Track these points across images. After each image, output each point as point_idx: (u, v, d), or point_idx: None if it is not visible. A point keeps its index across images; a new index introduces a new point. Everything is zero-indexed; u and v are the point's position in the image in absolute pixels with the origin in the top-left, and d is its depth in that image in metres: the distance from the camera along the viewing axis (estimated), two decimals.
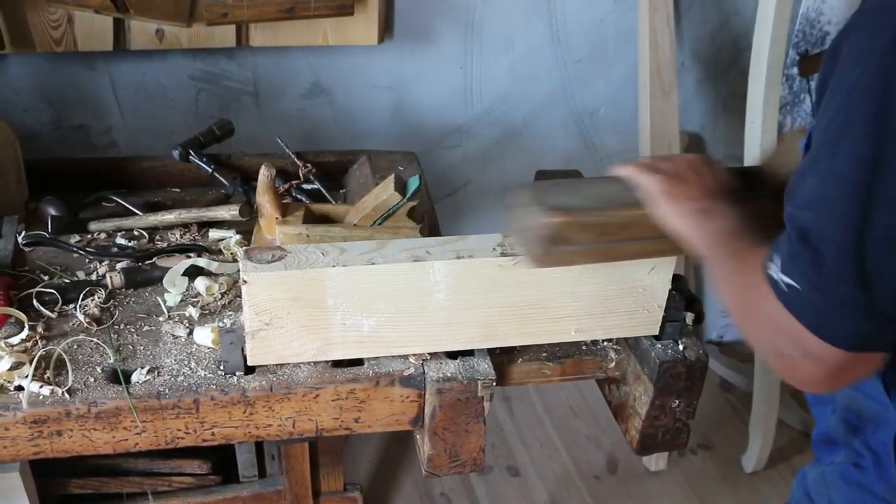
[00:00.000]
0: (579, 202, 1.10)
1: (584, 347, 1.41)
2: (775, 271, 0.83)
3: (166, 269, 1.45)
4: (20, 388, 1.21)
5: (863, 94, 0.77)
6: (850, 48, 0.80)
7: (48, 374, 1.24)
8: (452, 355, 1.31)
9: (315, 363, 1.28)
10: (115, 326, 1.36)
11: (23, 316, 1.32)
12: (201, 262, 1.48)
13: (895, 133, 0.75)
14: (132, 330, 1.35)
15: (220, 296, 1.43)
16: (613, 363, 1.41)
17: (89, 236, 1.59)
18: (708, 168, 1.09)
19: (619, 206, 1.10)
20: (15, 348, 1.28)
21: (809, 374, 0.84)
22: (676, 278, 1.33)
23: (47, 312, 1.36)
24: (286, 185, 1.73)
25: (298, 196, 1.73)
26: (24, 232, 1.56)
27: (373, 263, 1.19)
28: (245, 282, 1.18)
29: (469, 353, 1.32)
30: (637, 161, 1.12)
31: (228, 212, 1.61)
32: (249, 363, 1.25)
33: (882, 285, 0.79)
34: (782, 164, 1.17)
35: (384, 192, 1.46)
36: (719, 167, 1.10)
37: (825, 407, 1.09)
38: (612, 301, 1.30)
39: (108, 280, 1.44)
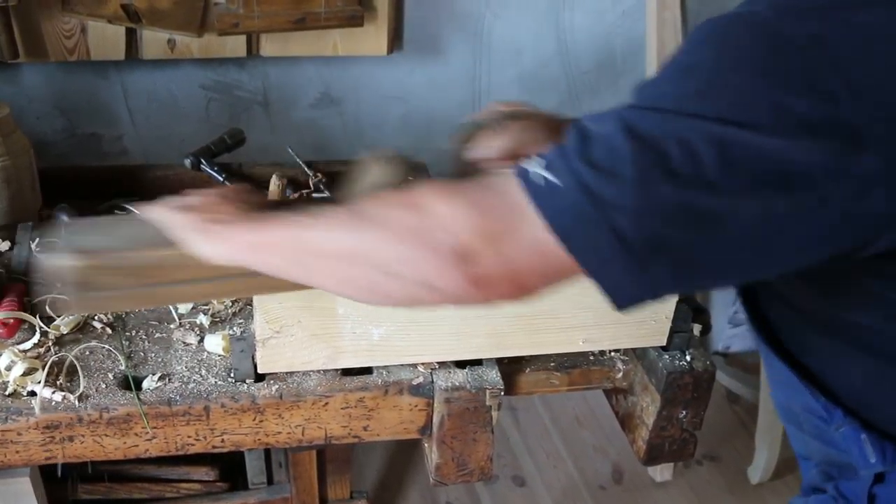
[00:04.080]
0: (111, 243, 0.99)
1: (591, 357, 1.42)
2: (534, 166, 0.74)
3: None
4: (33, 394, 1.22)
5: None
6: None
7: (60, 380, 1.25)
8: (461, 364, 1.32)
9: (325, 371, 1.28)
10: (127, 333, 1.37)
11: (36, 321, 1.33)
12: None
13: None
14: (143, 337, 1.36)
15: (230, 304, 1.44)
16: (621, 373, 1.42)
17: None
18: (247, 194, 0.99)
19: (157, 247, 0.99)
20: (28, 354, 1.29)
21: (490, 278, 0.74)
22: None
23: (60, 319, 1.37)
24: (296, 194, 1.74)
25: None
26: (37, 239, 1.57)
27: None
28: None
29: (477, 363, 1.33)
30: (165, 201, 1.00)
31: None
32: (260, 371, 1.26)
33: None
34: (363, 186, 1.08)
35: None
36: (262, 195, 1.01)
37: (809, 461, 1.10)
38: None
39: None
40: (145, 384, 1.26)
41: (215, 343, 1.33)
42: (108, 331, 1.36)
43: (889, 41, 0.69)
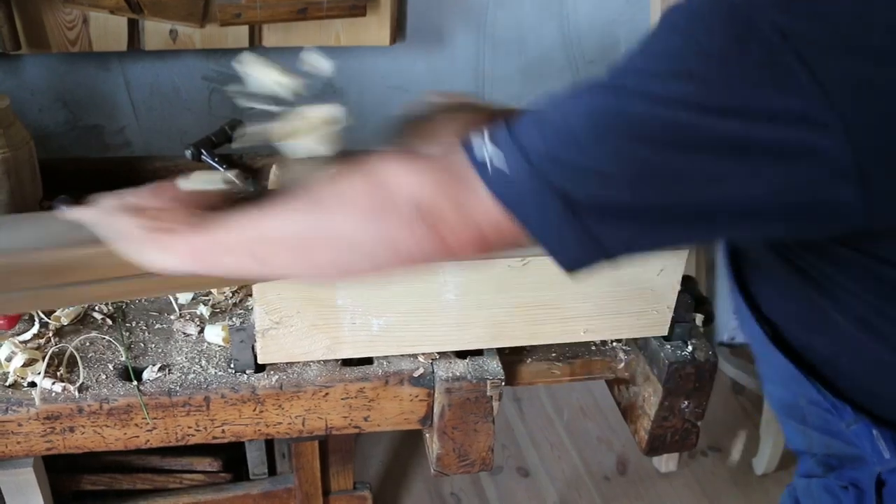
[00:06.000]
0: (19, 243, 0.96)
1: (593, 348, 1.41)
2: (480, 146, 0.75)
3: None
4: (33, 385, 1.22)
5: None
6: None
7: (61, 371, 1.25)
8: (462, 355, 1.32)
9: (325, 362, 1.28)
10: (127, 324, 1.37)
11: (36, 312, 1.33)
12: None
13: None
14: (144, 327, 1.36)
15: (231, 294, 1.44)
16: (623, 364, 1.41)
17: None
18: (191, 195, 0.98)
19: (69, 246, 0.96)
20: (28, 345, 1.29)
21: (458, 239, 0.75)
22: (686, 279, 1.34)
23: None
24: None
25: None
26: None
27: None
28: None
29: (478, 353, 1.32)
30: (101, 201, 0.98)
31: None
32: (260, 361, 1.26)
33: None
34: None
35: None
36: (205, 193, 0.99)
37: (806, 455, 1.09)
38: (622, 302, 1.30)
39: None
40: (145, 375, 1.26)
41: (215, 334, 1.33)
42: (109, 322, 1.36)
43: (851, 26, 0.69)
